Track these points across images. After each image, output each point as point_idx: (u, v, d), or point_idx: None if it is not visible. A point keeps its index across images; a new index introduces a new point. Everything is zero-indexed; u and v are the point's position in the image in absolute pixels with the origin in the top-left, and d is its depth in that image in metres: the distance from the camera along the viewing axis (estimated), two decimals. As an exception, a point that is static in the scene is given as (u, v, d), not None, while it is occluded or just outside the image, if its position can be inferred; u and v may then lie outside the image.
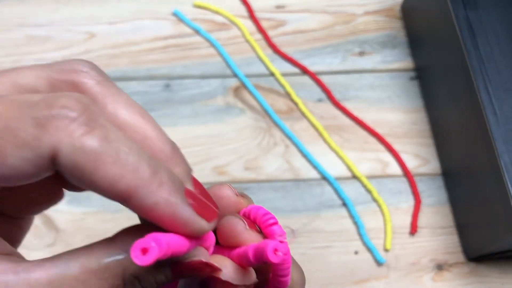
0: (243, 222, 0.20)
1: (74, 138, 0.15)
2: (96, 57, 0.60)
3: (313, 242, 0.51)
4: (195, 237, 0.18)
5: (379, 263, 0.50)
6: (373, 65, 0.60)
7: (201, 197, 0.18)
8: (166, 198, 0.16)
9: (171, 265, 0.17)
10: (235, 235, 0.19)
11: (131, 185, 0.16)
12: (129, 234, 0.17)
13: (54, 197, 0.21)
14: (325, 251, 0.51)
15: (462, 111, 0.50)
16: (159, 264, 0.17)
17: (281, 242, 0.19)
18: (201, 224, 0.17)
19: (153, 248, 0.15)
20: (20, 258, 0.17)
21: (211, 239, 0.19)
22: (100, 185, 0.16)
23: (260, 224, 0.20)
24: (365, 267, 0.50)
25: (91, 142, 0.15)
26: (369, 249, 0.51)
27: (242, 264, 0.19)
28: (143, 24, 0.62)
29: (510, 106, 0.45)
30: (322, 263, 0.50)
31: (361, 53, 0.61)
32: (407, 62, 0.60)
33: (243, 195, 0.22)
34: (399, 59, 0.61)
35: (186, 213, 0.17)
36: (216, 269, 0.18)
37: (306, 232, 0.52)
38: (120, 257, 0.17)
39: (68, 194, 0.25)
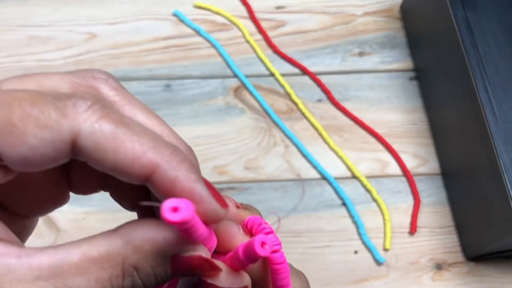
0: (238, 226, 0.20)
1: (93, 121, 0.16)
2: (97, 57, 0.60)
3: (312, 241, 0.51)
4: (210, 221, 0.18)
5: (378, 262, 0.50)
6: (373, 66, 0.60)
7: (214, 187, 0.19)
8: (186, 174, 0.17)
9: (171, 259, 0.18)
10: (229, 238, 0.20)
11: (153, 160, 0.17)
12: (131, 226, 0.18)
13: (60, 199, 0.22)
14: (325, 250, 0.51)
15: (461, 111, 0.50)
16: (158, 257, 0.17)
17: (275, 251, 0.19)
18: (217, 206, 0.18)
19: (183, 208, 0.15)
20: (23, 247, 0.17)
21: (213, 242, 0.19)
22: (123, 163, 0.16)
23: (256, 233, 0.20)
24: (365, 267, 0.50)
25: (109, 124, 0.16)
26: (369, 249, 0.51)
27: (234, 266, 0.19)
28: (143, 24, 0.62)
29: (509, 106, 0.45)
30: (322, 263, 0.50)
31: (361, 54, 0.61)
32: (406, 63, 0.61)
33: (247, 207, 0.22)
34: (399, 60, 0.61)
35: (204, 192, 0.17)
36: (215, 268, 0.18)
37: (306, 232, 0.52)
38: (120, 246, 0.17)
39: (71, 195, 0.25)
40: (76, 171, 0.21)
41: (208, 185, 0.18)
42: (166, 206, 0.15)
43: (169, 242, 0.17)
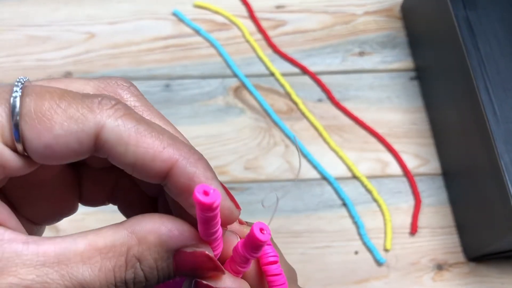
0: (237, 236, 0.20)
1: (117, 117, 0.17)
2: (96, 57, 0.60)
3: (313, 242, 0.51)
4: (224, 218, 0.18)
5: (379, 263, 0.50)
6: (373, 65, 0.60)
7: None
8: (203, 171, 0.18)
9: (174, 254, 0.18)
10: (227, 247, 0.20)
11: (172, 156, 0.17)
12: (137, 219, 0.18)
13: (68, 208, 0.22)
14: (325, 251, 0.51)
15: (462, 111, 0.50)
16: (162, 250, 0.18)
17: (272, 262, 0.20)
18: (232, 206, 0.19)
19: (214, 192, 0.16)
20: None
21: (219, 249, 0.19)
22: (144, 157, 0.17)
23: None
24: (365, 267, 0.50)
25: (131, 121, 0.17)
26: (369, 249, 0.51)
27: (233, 268, 0.19)
28: (143, 24, 0.62)
29: (510, 106, 0.45)
30: (322, 263, 0.50)
31: (361, 53, 0.61)
32: (407, 62, 0.60)
33: (250, 225, 0.22)
34: (399, 59, 0.61)
35: (220, 189, 0.18)
36: (218, 268, 0.18)
37: (306, 232, 0.52)
38: (125, 236, 0.17)
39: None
40: (87, 181, 0.22)
41: (222, 185, 0.19)
42: (199, 189, 0.16)
43: (173, 235, 0.18)
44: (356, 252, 0.51)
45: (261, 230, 0.18)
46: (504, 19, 0.49)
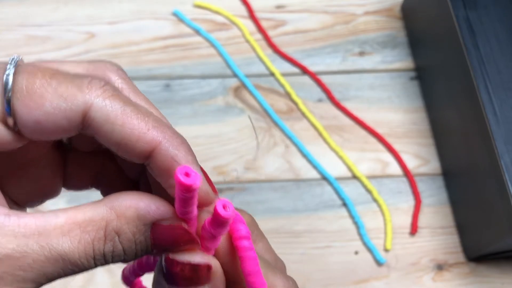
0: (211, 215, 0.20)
1: (105, 97, 0.18)
2: (96, 57, 0.60)
3: (313, 242, 0.51)
4: (201, 201, 0.19)
5: (379, 263, 0.50)
6: (373, 65, 0.60)
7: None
8: (184, 154, 0.19)
9: (152, 227, 0.18)
10: (200, 224, 0.20)
11: (155, 138, 0.18)
12: (116, 195, 0.19)
13: (52, 190, 0.23)
14: (325, 251, 0.51)
15: (462, 111, 0.50)
16: (140, 223, 0.18)
17: (243, 237, 0.20)
18: (209, 189, 0.19)
19: (195, 174, 0.17)
20: None
21: (193, 227, 0.20)
22: (129, 137, 0.18)
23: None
24: (365, 267, 0.50)
25: (119, 101, 0.18)
26: (369, 249, 0.51)
27: (204, 246, 0.19)
28: (143, 24, 0.62)
29: (510, 106, 0.45)
30: (322, 263, 0.50)
31: (361, 53, 0.61)
32: (407, 62, 0.60)
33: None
34: (399, 59, 0.61)
35: (199, 172, 0.19)
36: (194, 240, 0.19)
37: (306, 232, 0.51)
38: (104, 212, 0.18)
39: (67, 193, 0.26)
40: (72, 164, 0.23)
41: (202, 170, 0.19)
42: (181, 170, 0.17)
43: (151, 209, 0.18)
44: (356, 252, 0.51)
45: (224, 207, 0.18)
46: (505, 19, 0.49)
